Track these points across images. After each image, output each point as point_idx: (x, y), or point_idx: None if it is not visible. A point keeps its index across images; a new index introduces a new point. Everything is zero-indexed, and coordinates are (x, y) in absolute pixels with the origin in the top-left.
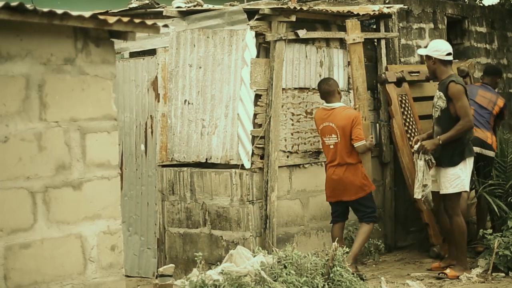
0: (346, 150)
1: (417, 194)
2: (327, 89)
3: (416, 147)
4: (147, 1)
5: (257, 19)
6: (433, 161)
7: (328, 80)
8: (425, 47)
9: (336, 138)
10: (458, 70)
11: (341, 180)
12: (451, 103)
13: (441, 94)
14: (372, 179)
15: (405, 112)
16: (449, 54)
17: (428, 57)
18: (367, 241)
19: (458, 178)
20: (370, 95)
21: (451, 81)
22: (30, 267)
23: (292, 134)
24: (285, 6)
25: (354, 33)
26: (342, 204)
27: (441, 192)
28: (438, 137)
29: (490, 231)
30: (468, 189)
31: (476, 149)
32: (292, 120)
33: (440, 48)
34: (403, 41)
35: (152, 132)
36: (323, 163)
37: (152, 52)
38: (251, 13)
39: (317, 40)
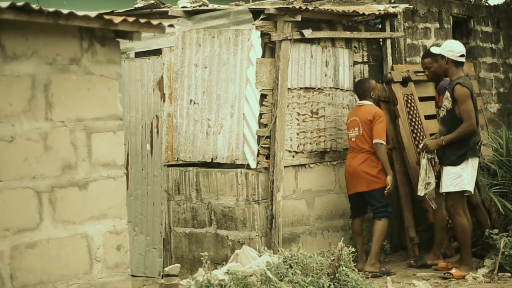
0: (365, 143)
1: (420, 191)
2: (359, 92)
3: (420, 145)
4: (153, 1)
5: (262, 19)
6: (436, 160)
7: (362, 83)
8: (438, 45)
9: (357, 131)
10: None
11: (356, 170)
12: (456, 105)
13: (448, 94)
14: None
15: (411, 112)
16: (462, 55)
17: (442, 56)
18: (384, 237)
19: (459, 177)
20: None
21: (457, 83)
22: (36, 266)
23: (297, 134)
24: (290, 6)
25: None
26: (358, 197)
27: (441, 190)
28: (442, 137)
29: (496, 231)
30: (469, 189)
31: None
32: (298, 120)
33: (454, 48)
34: (408, 40)
35: (157, 132)
36: (328, 163)
37: (157, 52)
38: (256, 13)
39: (323, 39)
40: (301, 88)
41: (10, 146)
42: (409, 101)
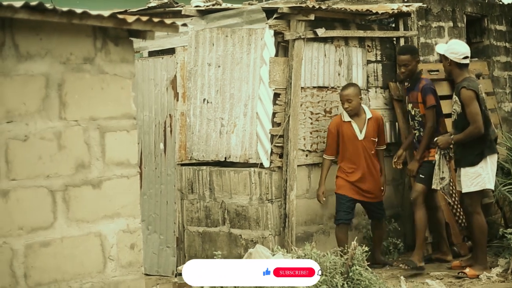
0: None
1: (436, 185)
2: None
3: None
4: (166, 0)
5: (275, 18)
6: (451, 155)
7: None
8: (446, 42)
9: None
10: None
11: None
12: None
13: (457, 98)
14: (391, 178)
15: None
16: (466, 57)
17: (445, 57)
18: (340, 244)
19: (479, 176)
20: (389, 94)
21: (462, 87)
22: (50, 265)
23: (311, 133)
24: (303, 5)
25: None
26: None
27: (462, 191)
28: (452, 136)
29: (510, 230)
30: (490, 187)
31: None
32: (311, 119)
33: (458, 51)
34: (422, 39)
35: (171, 131)
36: None
37: (171, 51)
38: (269, 12)
39: (336, 38)
40: (314, 87)
41: (24, 145)
42: None
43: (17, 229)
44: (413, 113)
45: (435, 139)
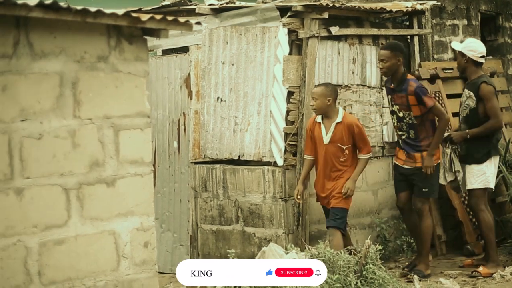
0: None
1: (442, 180)
2: None
3: (445, 135)
4: None
5: (289, 16)
6: (459, 150)
7: None
8: (461, 41)
9: None
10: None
11: None
12: (481, 103)
13: (471, 93)
14: None
15: None
16: (482, 56)
17: (462, 54)
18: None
19: (483, 174)
20: None
21: (483, 82)
22: (64, 263)
23: None
24: (317, 3)
25: None
26: None
27: (466, 188)
28: (467, 130)
29: None
30: (492, 186)
31: None
32: None
33: (476, 49)
34: (436, 37)
35: (185, 129)
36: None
37: (184, 50)
38: (283, 10)
39: (350, 37)
40: None
41: (39, 143)
42: (437, 98)
43: (31, 227)
44: (400, 115)
45: (448, 134)
